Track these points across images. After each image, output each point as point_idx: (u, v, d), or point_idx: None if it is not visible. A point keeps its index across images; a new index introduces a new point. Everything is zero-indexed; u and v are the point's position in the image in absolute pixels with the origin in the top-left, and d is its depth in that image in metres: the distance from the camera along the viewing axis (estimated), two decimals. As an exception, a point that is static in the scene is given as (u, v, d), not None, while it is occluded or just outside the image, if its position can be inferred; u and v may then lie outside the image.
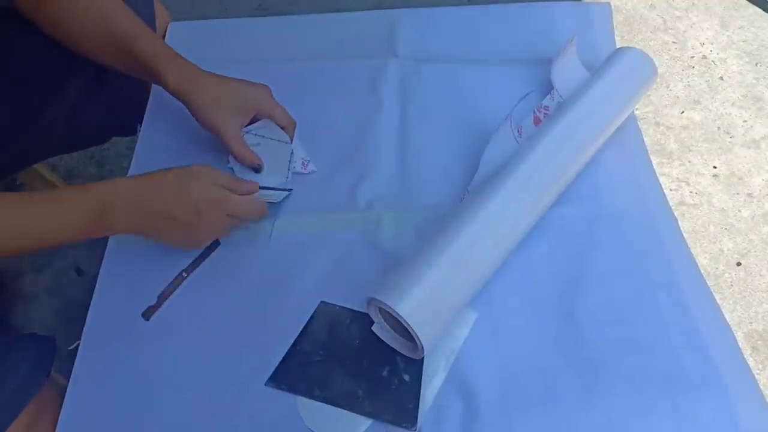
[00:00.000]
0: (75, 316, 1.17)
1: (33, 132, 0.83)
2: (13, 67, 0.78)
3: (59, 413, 0.60)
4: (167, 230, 0.64)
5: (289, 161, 0.75)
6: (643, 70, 0.77)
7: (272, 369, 0.61)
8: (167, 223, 0.63)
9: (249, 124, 0.74)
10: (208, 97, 0.70)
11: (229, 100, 0.71)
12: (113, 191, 0.61)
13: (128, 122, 0.92)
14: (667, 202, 0.72)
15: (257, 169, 0.74)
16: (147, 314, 0.65)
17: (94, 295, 0.67)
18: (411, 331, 0.55)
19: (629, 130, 0.79)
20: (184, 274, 0.67)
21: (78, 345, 0.64)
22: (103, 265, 0.69)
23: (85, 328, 0.65)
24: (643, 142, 0.78)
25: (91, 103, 0.86)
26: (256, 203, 0.68)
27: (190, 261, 0.69)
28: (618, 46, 0.81)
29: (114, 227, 0.62)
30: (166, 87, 0.71)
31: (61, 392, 0.62)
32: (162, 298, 0.66)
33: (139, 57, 0.71)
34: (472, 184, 0.67)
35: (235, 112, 0.71)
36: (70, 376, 0.63)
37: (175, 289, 0.67)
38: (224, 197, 0.64)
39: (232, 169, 0.75)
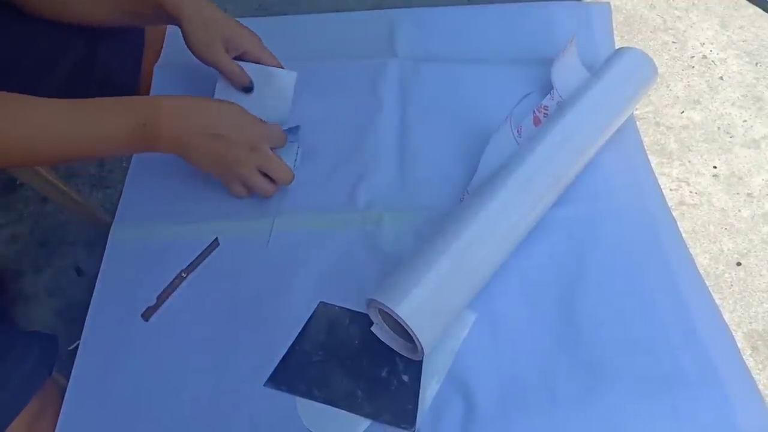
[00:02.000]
0: (75, 316, 1.18)
1: None
2: None
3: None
4: (205, 147, 0.66)
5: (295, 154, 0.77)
6: (643, 71, 0.77)
7: (271, 369, 0.61)
8: (205, 141, 0.65)
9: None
10: (198, 24, 0.73)
11: (218, 30, 0.73)
12: (159, 103, 0.63)
13: None
14: (666, 202, 0.72)
15: (248, 89, 0.77)
16: (146, 315, 0.65)
17: (93, 295, 0.67)
18: (411, 333, 0.55)
19: (628, 130, 0.79)
20: (183, 275, 0.67)
21: (78, 345, 0.64)
22: (103, 264, 0.69)
23: (84, 328, 0.65)
24: (641, 142, 0.78)
25: (79, 85, 0.85)
26: (283, 164, 0.71)
27: (189, 261, 0.69)
28: (618, 46, 0.81)
29: (157, 141, 0.63)
30: (164, 7, 0.72)
31: (62, 392, 0.62)
32: (161, 298, 0.66)
33: None
34: (471, 185, 0.67)
35: (222, 42, 0.74)
36: (69, 376, 0.63)
37: (174, 289, 0.67)
38: (261, 127, 0.69)
39: None
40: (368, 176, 0.75)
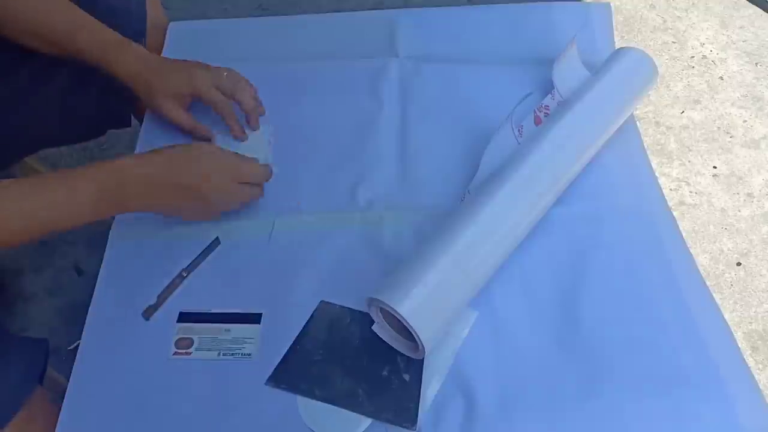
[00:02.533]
0: (75, 316, 1.17)
1: (23, 121, 0.82)
2: None
3: (50, 422, 0.60)
4: (179, 201, 0.65)
5: (267, 140, 0.78)
6: (644, 71, 0.77)
7: (272, 368, 0.61)
8: (178, 193, 0.64)
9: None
10: (148, 86, 0.74)
11: (167, 86, 0.74)
12: (123, 167, 0.62)
13: (120, 113, 0.92)
14: (665, 202, 0.72)
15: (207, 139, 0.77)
16: (147, 314, 0.65)
17: (94, 295, 0.67)
18: (412, 332, 0.55)
19: (628, 130, 0.79)
20: (184, 274, 0.67)
21: (78, 345, 0.64)
22: (103, 265, 0.69)
23: (85, 328, 0.65)
24: (642, 142, 0.78)
25: (80, 93, 0.85)
26: (262, 167, 0.70)
27: (189, 261, 0.69)
28: (618, 46, 0.81)
29: (127, 204, 0.62)
30: (117, 77, 0.73)
31: (61, 392, 0.62)
32: (162, 297, 0.66)
33: (83, 50, 0.72)
34: (472, 184, 0.67)
35: (173, 96, 0.75)
36: (69, 376, 0.62)
37: (175, 288, 0.67)
38: (233, 163, 0.67)
39: None
40: (369, 176, 0.75)
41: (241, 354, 0.62)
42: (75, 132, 0.93)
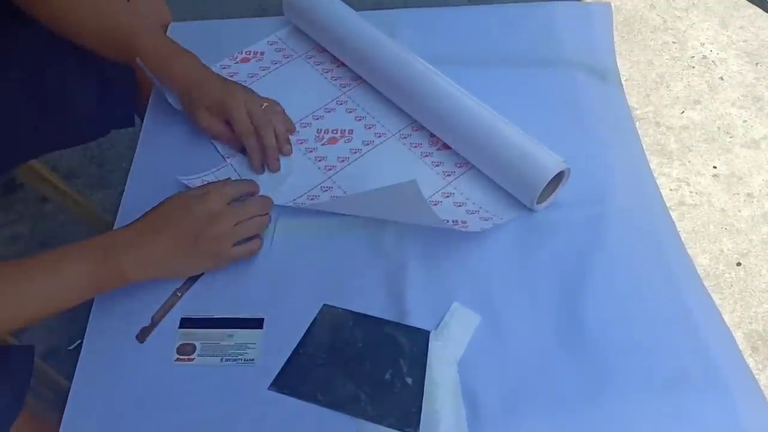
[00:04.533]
0: (75, 315, 1.17)
1: (22, 123, 0.82)
2: None
3: None
4: (180, 258, 0.63)
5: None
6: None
7: (275, 373, 0.61)
8: (177, 249, 0.62)
9: None
10: (188, 97, 0.75)
11: (203, 100, 0.74)
12: (111, 236, 0.61)
13: (122, 112, 0.92)
14: (665, 204, 0.72)
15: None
16: (141, 336, 0.64)
17: (94, 302, 0.67)
18: (558, 176, 0.66)
19: (628, 132, 0.79)
20: (179, 294, 0.66)
21: (78, 345, 0.64)
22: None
23: (86, 334, 0.65)
24: (641, 144, 0.78)
25: (77, 93, 0.85)
26: (257, 200, 0.69)
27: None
28: (618, 46, 0.81)
29: (125, 273, 0.60)
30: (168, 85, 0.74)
31: (61, 393, 0.62)
32: (156, 318, 0.64)
33: (139, 54, 0.72)
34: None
35: (208, 109, 0.75)
36: (69, 376, 0.62)
37: (169, 309, 0.65)
38: (226, 209, 0.64)
39: (232, 166, 0.75)
40: (370, 178, 0.75)
41: (244, 360, 0.62)
42: (76, 134, 0.93)
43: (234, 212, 0.64)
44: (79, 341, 0.64)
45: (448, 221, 0.68)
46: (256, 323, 0.64)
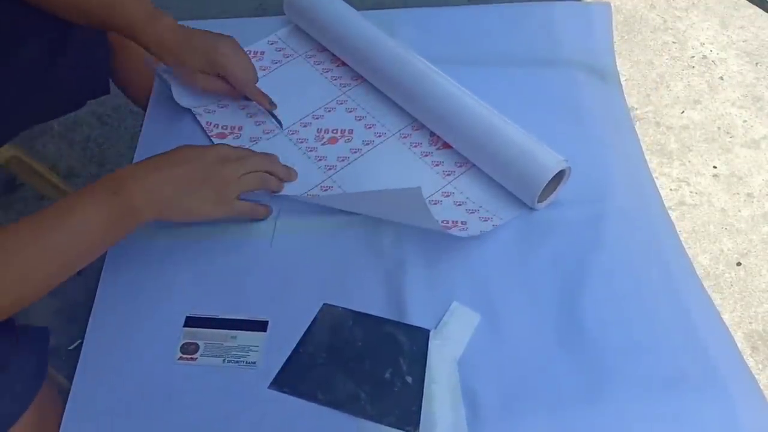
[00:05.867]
0: (75, 315, 1.17)
1: None
2: None
3: (61, 413, 0.60)
4: (188, 196, 0.63)
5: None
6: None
7: (275, 372, 0.61)
8: (185, 186, 0.63)
9: None
10: (175, 60, 0.76)
11: (192, 63, 0.76)
12: (123, 170, 0.61)
13: (98, 82, 0.91)
14: (664, 204, 0.72)
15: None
16: None
17: (96, 298, 0.67)
18: (559, 175, 0.66)
19: (627, 131, 0.79)
20: None
21: (78, 344, 0.64)
22: (104, 266, 0.69)
23: (87, 331, 0.65)
24: (640, 145, 0.78)
25: (54, 63, 0.84)
26: (265, 155, 0.71)
27: (190, 261, 0.68)
28: (618, 46, 0.81)
29: (136, 208, 0.60)
30: (147, 49, 0.75)
31: (62, 393, 0.62)
32: None
33: (117, 24, 0.74)
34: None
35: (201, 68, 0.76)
36: (69, 376, 0.62)
37: None
38: (237, 153, 0.68)
39: None
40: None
41: (246, 362, 0.62)
42: (51, 106, 0.91)
43: (243, 163, 0.67)
44: (79, 341, 0.64)
45: (448, 222, 0.68)
46: (260, 326, 0.64)
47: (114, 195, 0.59)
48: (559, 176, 0.68)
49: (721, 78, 1.53)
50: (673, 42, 1.60)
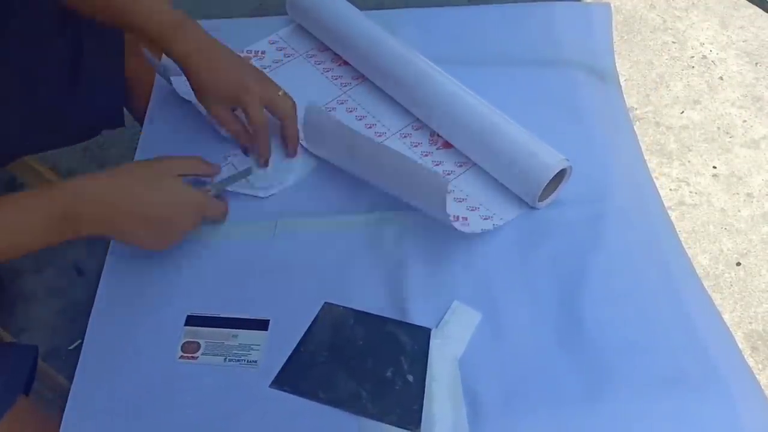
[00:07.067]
0: (75, 315, 1.17)
1: (11, 123, 0.81)
2: None
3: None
4: (138, 231, 0.62)
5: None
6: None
7: (276, 371, 0.61)
8: (138, 224, 0.62)
9: None
10: (197, 79, 0.71)
11: (218, 90, 0.71)
12: (77, 193, 0.59)
13: (113, 113, 0.91)
14: (663, 204, 0.72)
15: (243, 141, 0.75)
16: None
17: (96, 297, 0.67)
18: (560, 174, 0.67)
19: (626, 131, 0.79)
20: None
21: (78, 345, 0.64)
22: (105, 266, 0.69)
23: (87, 331, 0.65)
24: (639, 145, 0.78)
25: (67, 93, 0.84)
26: (223, 206, 0.70)
27: (191, 261, 0.68)
28: (618, 46, 0.81)
29: (80, 230, 0.59)
30: (171, 57, 0.71)
31: (62, 393, 0.62)
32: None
33: (143, 29, 0.70)
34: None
35: (221, 100, 0.72)
36: (69, 376, 0.62)
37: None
38: (199, 201, 0.65)
39: (233, 164, 0.75)
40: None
41: (247, 361, 0.62)
42: (65, 135, 0.91)
43: (211, 207, 0.67)
44: (79, 341, 0.64)
45: (450, 215, 0.68)
46: (262, 325, 0.64)
47: (62, 218, 0.58)
48: (560, 175, 0.68)
49: (721, 78, 1.53)
50: (673, 42, 1.61)
